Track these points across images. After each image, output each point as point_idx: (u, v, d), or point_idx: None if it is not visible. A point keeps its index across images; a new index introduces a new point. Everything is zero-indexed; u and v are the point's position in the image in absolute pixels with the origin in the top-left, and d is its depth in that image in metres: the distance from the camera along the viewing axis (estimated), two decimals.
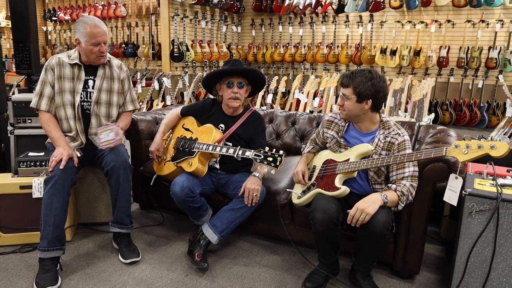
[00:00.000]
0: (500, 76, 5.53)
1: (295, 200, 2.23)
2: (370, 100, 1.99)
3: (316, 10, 6.71)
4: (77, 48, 2.39)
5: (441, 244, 2.63)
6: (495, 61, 5.65)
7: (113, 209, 2.39)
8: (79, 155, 2.31)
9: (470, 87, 5.97)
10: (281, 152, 2.11)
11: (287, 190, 2.31)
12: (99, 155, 2.41)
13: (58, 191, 2.13)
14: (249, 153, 2.15)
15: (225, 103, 2.48)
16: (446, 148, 1.77)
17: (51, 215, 2.10)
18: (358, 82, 1.98)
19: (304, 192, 2.18)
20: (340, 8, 6.35)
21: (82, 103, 2.40)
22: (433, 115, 5.30)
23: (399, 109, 4.94)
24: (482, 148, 1.67)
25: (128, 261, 2.30)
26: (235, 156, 2.18)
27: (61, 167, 2.15)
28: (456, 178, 1.85)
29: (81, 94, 2.38)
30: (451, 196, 1.86)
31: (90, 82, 2.42)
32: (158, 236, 2.67)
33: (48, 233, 2.09)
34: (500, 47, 5.63)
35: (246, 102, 2.55)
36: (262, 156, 2.11)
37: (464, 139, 2.12)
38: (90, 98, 2.41)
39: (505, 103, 5.60)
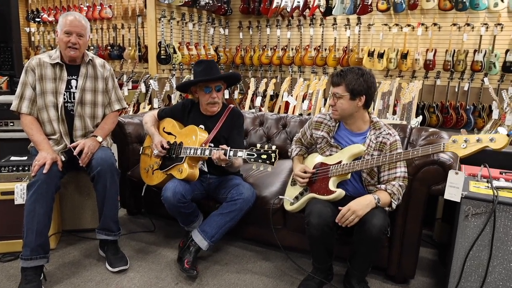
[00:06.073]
0: (486, 79, 5.62)
1: (288, 207, 2.18)
2: (364, 96, 1.97)
3: (304, 13, 6.70)
4: (58, 48, 2.33)
5: (434, 247, 2.61)
6: (480, 64, 5.73)
7: (99, 215, 2.31)
8: (63, 159, 2.23)
9: (456, 90, 6.05)
10: (273, 147, 2.02)
11: (279, 197, 2.25)
12: None
13: (41, 196, 2.04)
14: (242, 153, 2.07)
15: (203, 106, 2.41)
16: (444, 144, 1.73)
17: (34, 221, 2.00)
18: (350, 79, 1.96)
19: (297, 198, 2.12)
20: (328, 11, 6.35)
21: (65, 104, 2.32)
22: (420, 117, 5.34)
23: (387, 112, 4.95)
24: (481, 142, 1.63)
25: (116, 269, 2.22)
26: (226, 157, 2.11)
27: (44, 171, 2.06)
28: (457, 173, 1.80)
29: (64, 94, 2.30)
30: (452, 193, 1.80)
31: (73, 82, 2.34)
32: (147, 243, 2.59)
33: (31, 240, 2.00)
34: (485, 50, 5.72)
35: (222, 100, 2.48)
36: (256, 155, 2.03)
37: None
38: (74, 98, 2.34)
39: (490, 106, 5.69)
